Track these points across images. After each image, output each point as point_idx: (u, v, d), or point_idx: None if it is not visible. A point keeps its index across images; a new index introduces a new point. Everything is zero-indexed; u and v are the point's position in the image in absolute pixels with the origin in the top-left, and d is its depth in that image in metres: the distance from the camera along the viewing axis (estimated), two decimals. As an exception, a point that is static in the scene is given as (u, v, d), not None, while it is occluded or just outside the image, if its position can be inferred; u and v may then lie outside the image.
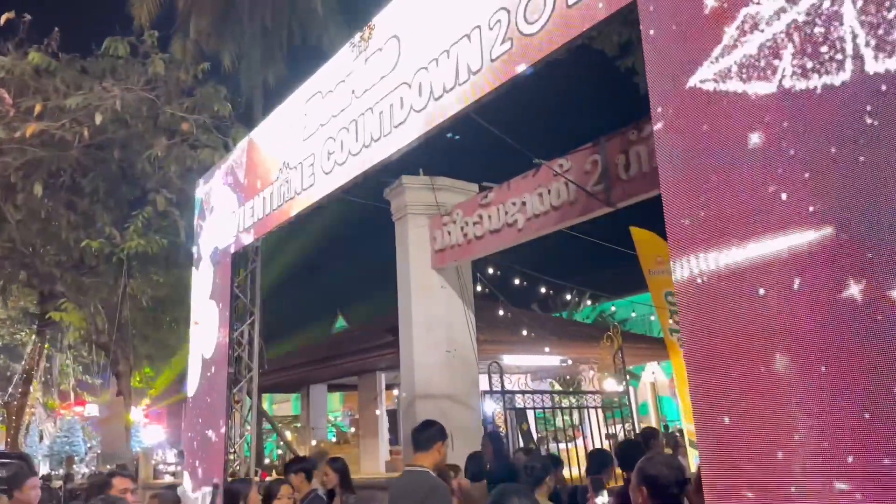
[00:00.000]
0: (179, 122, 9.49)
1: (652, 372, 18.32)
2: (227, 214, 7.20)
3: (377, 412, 12.43)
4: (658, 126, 2.95)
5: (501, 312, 10.59)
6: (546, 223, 7.29)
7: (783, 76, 2.54)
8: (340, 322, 24.35)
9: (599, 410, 9.52)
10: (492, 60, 4.11)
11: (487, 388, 8.22)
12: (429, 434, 3.73)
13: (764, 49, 2.61)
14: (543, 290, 10.66)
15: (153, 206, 9.63)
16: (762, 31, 2.62)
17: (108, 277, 10.59)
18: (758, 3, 2.65)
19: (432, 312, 8.55)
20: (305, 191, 5.91)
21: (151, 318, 12.40)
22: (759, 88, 2.59)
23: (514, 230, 7.64)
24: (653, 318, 12.25)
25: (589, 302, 12.96)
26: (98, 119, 8.37)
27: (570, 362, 12.11)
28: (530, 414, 9.35)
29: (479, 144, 9.07)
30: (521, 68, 3.92)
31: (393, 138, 4.91)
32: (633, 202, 6.56)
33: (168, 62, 9.55)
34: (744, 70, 2.65)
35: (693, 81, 2.81)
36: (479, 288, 9.44)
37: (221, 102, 9.78)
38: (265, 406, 18.74)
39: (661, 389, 20.99)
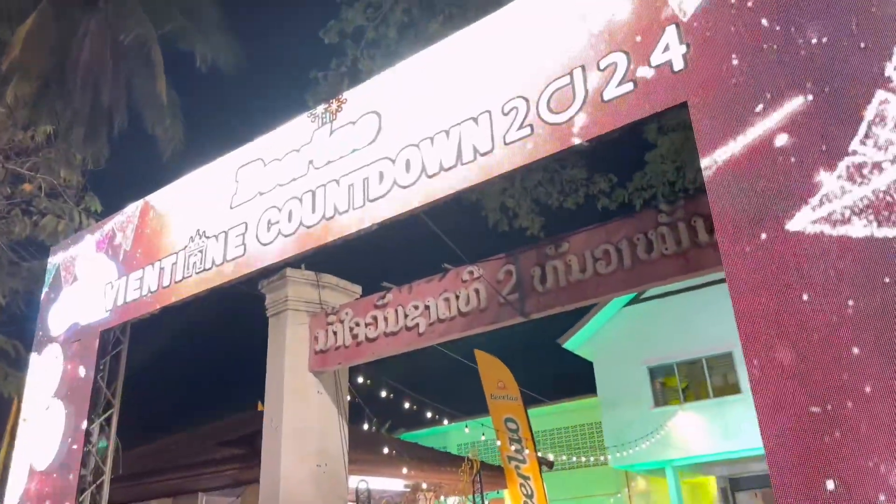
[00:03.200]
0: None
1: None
2: (100, 286, 6.13)
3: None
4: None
5: (366, 427, 9.94)
6: (451, 329, 7.16)
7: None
8: None
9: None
10: (506, 144, 4.13)
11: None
12: None
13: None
14: (407, 405, 10.27)
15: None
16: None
17: None
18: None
19: (305, 420, 7.78)
20: (232, 261, 5.27)
21: None
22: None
23: (413, 334, 7.39)
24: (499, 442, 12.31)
25: (445, 422, 12.69)
26: None
27: (409, 488, 11.57)
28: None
29: (366, 247, 8.89)
30: (545, 154, 3.97)
31: (368, 211, 4.63)
32: (546, 314, 6.72)
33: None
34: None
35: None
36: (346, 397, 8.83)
37: (71, 167, 8.65)
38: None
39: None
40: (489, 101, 4.28)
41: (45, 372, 6.21)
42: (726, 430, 17.82)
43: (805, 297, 2.83)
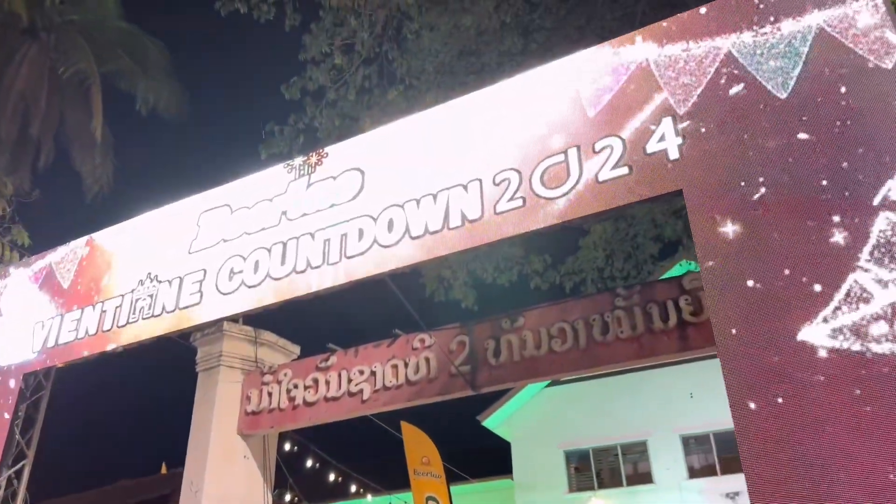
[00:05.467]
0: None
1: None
2: (29, 324, 5.64)
3: None
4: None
5: (288, 498, 9.36)
6: (397, 397, 6.95)
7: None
8: None
9: None
10: (496, 213, 4.15)
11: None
12: None
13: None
14: (332, 476, 9.76)
15: None
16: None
17: None
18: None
19: (229, 486, 7.25)
20: (187, 308, 4.97)
21: None
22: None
23: (356, 400, 7.12)
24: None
25: (369, 497, 12.10)
26: None
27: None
28: None
29: (306, 306, 8.62)
30: (536, 226, 4.00)
31: (343, 268, 4.51)
32: (497, 388, 6.65)
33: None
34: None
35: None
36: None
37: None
38: None
39: None
40: (480, 169, 4.31)
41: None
42: (636, 519, 17.91)
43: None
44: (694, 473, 17.95)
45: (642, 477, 18.62)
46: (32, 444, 5.56)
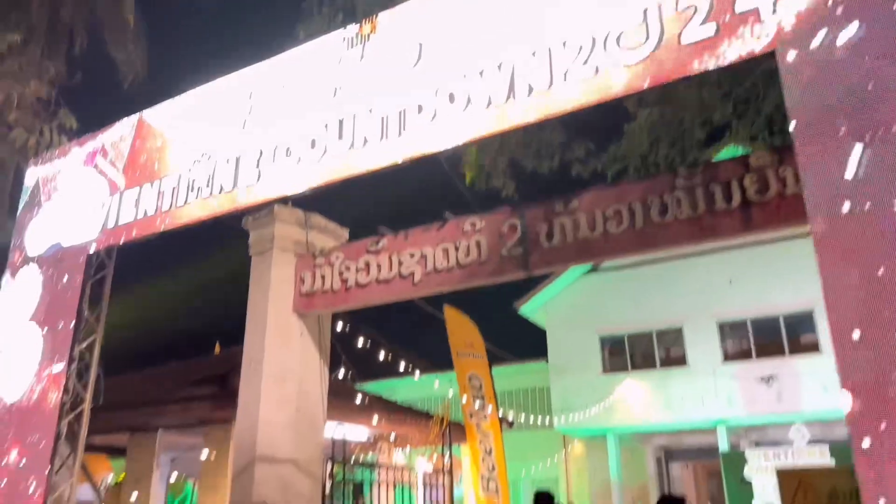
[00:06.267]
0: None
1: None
2: (88, 205, 5.68)
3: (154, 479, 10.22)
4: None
5: (342, 373, 9.73)
6: (448, 280, 6.99)
7: None
8: None
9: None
10: (566, 82, 3.93)
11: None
12: None
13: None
14: (378, 355, 10.09)
15: None
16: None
17: None
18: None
19: (287, 363, 7.52)
20: (243, 188, 4.93)
21: None
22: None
23: (407, 283, 7.18)
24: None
25: (416, 376, 12.56)
26: None
27: (372, 439, 11.49)
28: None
29: (353, 190, 8.58)
30: (609, 95, 3.79)
31: (401, 144, 4.38)
32: (550, 270, 6.63)
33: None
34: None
35: None
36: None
37: (42, 79, 8.00)
38: None
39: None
40: (549, 34, 4.05)
41: (19, 295, 5.76)
42: (668, 401, 18.40)
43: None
44: (729, 357, 18.22)
45: (676, 360, 18.97)
46: (101, 320, 5.75)
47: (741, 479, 16.21)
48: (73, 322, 5.45)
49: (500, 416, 12.71)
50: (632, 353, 19.82)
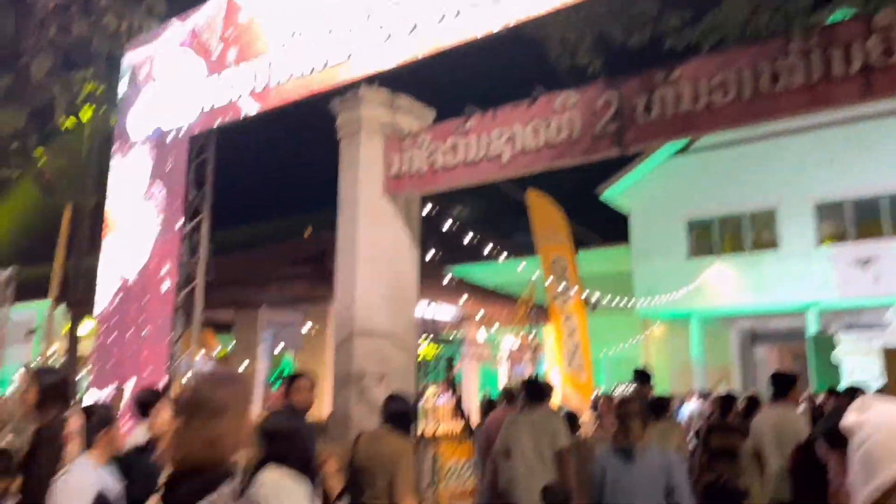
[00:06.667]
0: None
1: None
2: (185, 87, 5.79)
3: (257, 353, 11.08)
4: None
5: (431, 255, 9.97)
6: (537, 160, 6.86)
7: None
8: None
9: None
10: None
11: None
12: None
13: None
14: (468, 238, 10.23)
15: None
16: None
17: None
18: None
19: (379, 244, 7.72)
20: (336, 66, 4.89)
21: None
22: None
23: (495, 164, 7.10)
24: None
25: (501, 259, 12.76)
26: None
27: (459, 319, 11.87)
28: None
29: (437, 68, 8.41)
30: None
31: (499, 8, 4.18)
32: (647, 146, 6.40)
33: None
34: None
35: None
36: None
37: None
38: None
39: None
40: None
41: (130, 175, 6.05)
42: (757, 284, 18.02)
43: None
44: (824, 239, 17.52)
45: (767, 243, 18.41)
46: (206, 200, 6.01)
47: (829, 361, 16.01)
48: (181, 203, 5.70)
49: (583, 298, 12.82)
50: (721, 236, 19.33)
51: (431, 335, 7.77)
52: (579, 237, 13.67)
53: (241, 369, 10.52)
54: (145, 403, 4.22)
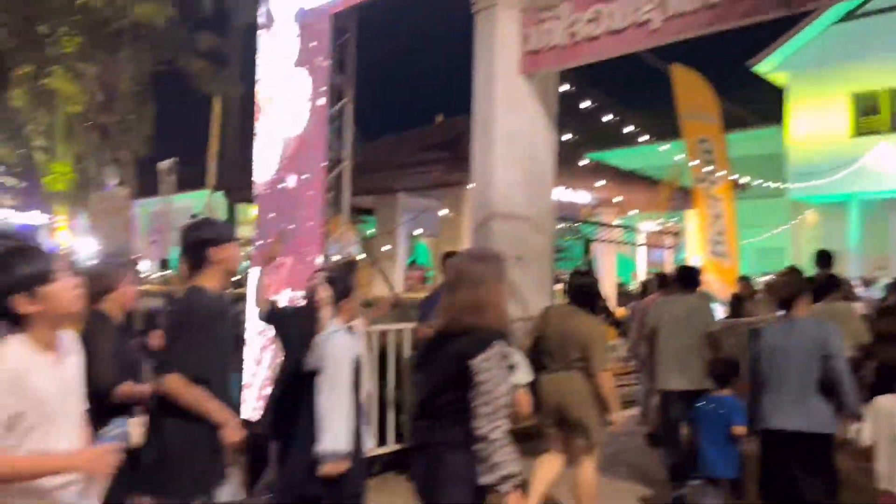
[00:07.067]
0: None
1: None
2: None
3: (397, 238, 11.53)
4: None
5: (568, 137, 9.67)
6: (692, 24, 6.25)
7: None
8: None
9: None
10: None
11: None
12: None
13: None
14: (607, 119, 9.77)
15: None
16: None
17: (104, 48, 8.78)
18: None
19: (516, 125, 7.52)
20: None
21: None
22: None
23: (643, 31, 6.56)
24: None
25: (644, 137, 12.17)
26: None
27: (596, 202, 11.58)
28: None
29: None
30: None
31: None
32: (815, 5, 5.65)
33: None
34: None
35: None
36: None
37: None
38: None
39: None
40: None
41: (276, 58, 6.17)
42: (934, 164, 16.14)
43: None
44: None
45: (949, 119, 16.28)
46: (350, 82, 6.04)
47: None
48: (325, 87, 5.76)
49: (733, 179, 12.02)
50: (891, 112, 17.30)
51: (570, 217, 7.60)
52: (728, 116, 12.66)
53: (383, 249, 11.01)
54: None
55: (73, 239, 19.93)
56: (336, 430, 3.22)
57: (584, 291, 4.89)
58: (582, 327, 4.68)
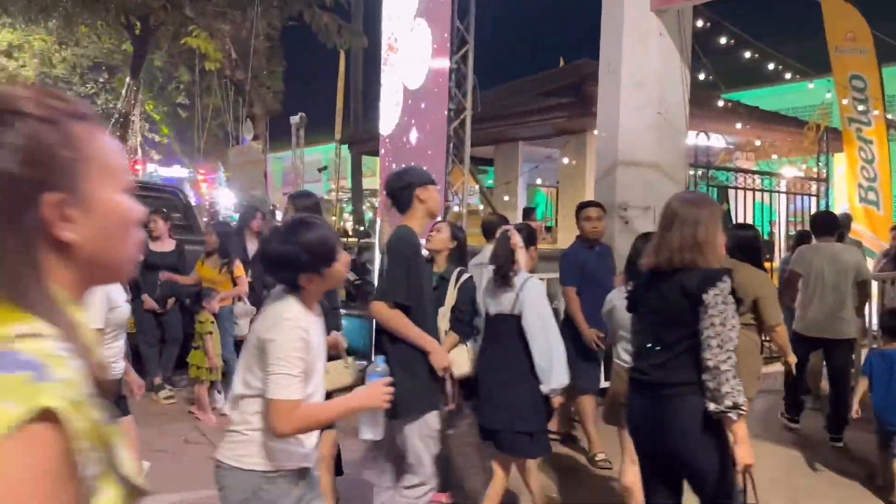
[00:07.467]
0: None
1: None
2: None
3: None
4: None
5: (704, 77, 9.10)
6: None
7: None
8: None
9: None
10: None
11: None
12: None
13: None
14: (747, 56, 9.05)
15: None
16: None
17: (237, 6, 9.15)
18: None
19: (645, 66, 7.11)
20: None
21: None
22: None
23: (792, -44, 5.96)
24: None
25: (788, 75, 11.25)
26: None
27: (734, 146, 10.85)
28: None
29: None
30: None
31: None
32: None
33: None
34: None
35: None
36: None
37: None
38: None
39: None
40: None
41: (398, 10, 6.16)
42: None
43: None
44: None
45: None
46: (471, 31, 5.93)
47: None
48: (446, 34, 5.69)
49: (890, 119, 10.85)
50: None
51: (704, 163, 7.16)
52: (885, 49, 11.36)
53: (505, 198, 10.93)
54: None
55: (214, 191, 21.28)
56: (558, 368, 3.51)
57: (746, 245, 4.61)
58: (752, 281, 4.40)
